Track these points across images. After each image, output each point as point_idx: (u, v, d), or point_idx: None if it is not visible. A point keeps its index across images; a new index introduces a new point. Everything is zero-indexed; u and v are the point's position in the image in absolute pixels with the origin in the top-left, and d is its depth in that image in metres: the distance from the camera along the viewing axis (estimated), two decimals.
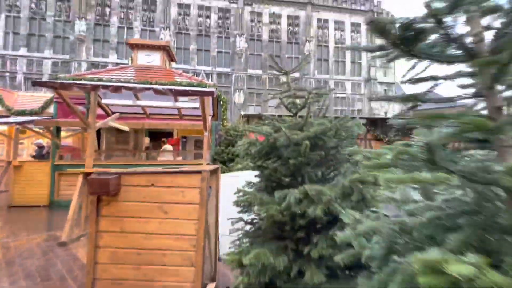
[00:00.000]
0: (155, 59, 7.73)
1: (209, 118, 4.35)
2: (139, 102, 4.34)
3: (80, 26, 27.21)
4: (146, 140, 9.09)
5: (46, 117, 7.41)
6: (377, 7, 34.66)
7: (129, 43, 7.55)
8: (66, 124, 5.98)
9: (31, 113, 10.86)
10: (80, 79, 7.11)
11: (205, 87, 3.92)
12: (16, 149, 8.71)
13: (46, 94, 12.80)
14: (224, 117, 7.22)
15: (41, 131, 7.66)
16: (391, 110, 35.74)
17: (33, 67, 26.92)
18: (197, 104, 4.37)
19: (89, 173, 2.48)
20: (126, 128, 5.95)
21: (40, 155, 8.70)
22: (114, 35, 28.44)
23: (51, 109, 11.18)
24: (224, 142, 6.74)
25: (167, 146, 8.18)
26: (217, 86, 5.51)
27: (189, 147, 8.50)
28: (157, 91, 3.31)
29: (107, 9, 28.59)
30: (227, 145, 6.61)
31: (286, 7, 32.24)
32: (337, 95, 32.62)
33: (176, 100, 4.35)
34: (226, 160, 6.38)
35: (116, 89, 3.40)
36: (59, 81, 3.11)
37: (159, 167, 6.52)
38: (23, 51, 26.88)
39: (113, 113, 5.18)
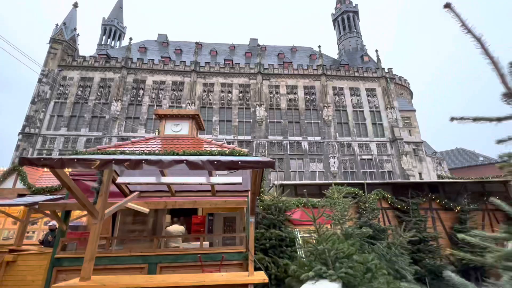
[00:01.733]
0: (183, 128, 7.16)
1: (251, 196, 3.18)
2: (165, 179, 3.31)
3: (116, 107, 30.07)
4: (167, 219, 7.82)
5: (54, 197, 6.59)
6: (389, 73, 36.27)
7: (157, 113, 7.17)
8: (75, 208, 5.00)
9: (51, 190, 10.31)
10: (101, 153, 6.53)
11: (246, 155, 2.89)
12: (23, 233, 7.68)
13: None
14: (261, 189, 5.98)
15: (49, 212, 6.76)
16: (425, 170, 33.02)
17: (69, 144, 28.88)
18: (239, 179, 3.28)
19: None
20: (146, 210, 4.84)
21: (48, 240, 7.56)
22: (145, 112, 30.90)
23: None
24: (264, 222, 5.31)
25: (175, 227, 6.61)
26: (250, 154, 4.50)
27: (217, 227, 7.04)
28: (192, 165, 2.31)
29: (141, 91, 32.00)
30: (267, 226, 5.17)
31: (301, 79, 34.55)
32: (363, 156, 31.16)
33: (210, 174, 3.31)
34: (268, 248, 4.84)
35: (136, 165, 2.44)
36: (56, 157, 2.23)
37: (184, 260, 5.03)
38: (63, 130, 29.43)
39: (131, 192, 4.19)
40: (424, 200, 8.10)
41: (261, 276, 2.80)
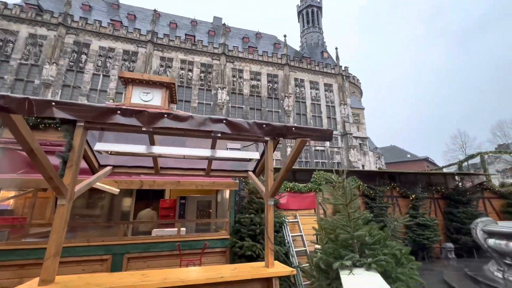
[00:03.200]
0: (154, 97, 6.14)
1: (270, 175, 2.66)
2: (157, 150, 2.56)
3: (50, 71, 25.11)
4: (127, 202, 6.73)
5: None
6: (345, 71, 38.63)
7: (123, 76, 5.97)
8: (12, 185, 3.73)
9: None
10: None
11: None
12: None
13: None
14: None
15: None
16: (368, 163, 36.83)
17: None
18: (256, 154, 2.71)
19: None
20: (116, 191, 3.87)
21: None
22: (87, 81, 26.62)
23: None
24: (251, 207, 4.84)
25: (146, 212, 5.92)
26: None
27: (190, 212, 6.33)
28: (234, 127, 1.67)
29: (84, 57, 27.35)
30: (256, 211, 4.73)
31: (265, 66, 34.23)
32: (317, 147, 32.96)
33: (214, 147, 2.66)
34: (257, 234, 4.41)
35: (155, 119, 1.67)
36: (21, 96, 1.34)
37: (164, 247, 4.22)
38: None
39: (100, 166, 3.24)
40: (388, 188, 8.79)
41: (286, 268, 2.36)
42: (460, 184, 10.33)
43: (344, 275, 2.30)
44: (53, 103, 1.52)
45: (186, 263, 4.46)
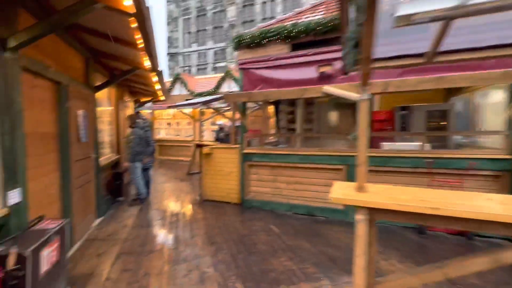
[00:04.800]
0: None
1: None
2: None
3: (231, 12, 28.97)
4: (333, 116, 6.51)
5: (217, 96, 6.30)
6: None
7: None
8: (261, 98, 4.13)
9: (208, 94, 11.02)
10: (269, 31, 5.27)
11: None
12: (200, 131, 8.55)
13: (216, 75, 13.13)
14: None
15: (220, 109, 6.87)
16: None
17: (201, 59, 31.96)
18: None
19: None
20: (354, 97, 3.35)
21: (221, 138, 8.17)
22: (258, 13, 28.47)
23: (222, 88, 11.04)
24: None
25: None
26: None
27: (415, 126, 5.06)
28: None
29: None
30: None
31: None
32: None
33: None
34: None
35: None
36: None
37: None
38: (194, 46, 32.34)
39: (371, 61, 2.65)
40: None
41: None
42: None
43: None
44: None
45: (440, 184, 3.54)
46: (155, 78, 5.14)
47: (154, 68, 4.02)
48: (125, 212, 4.61)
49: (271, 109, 7.53)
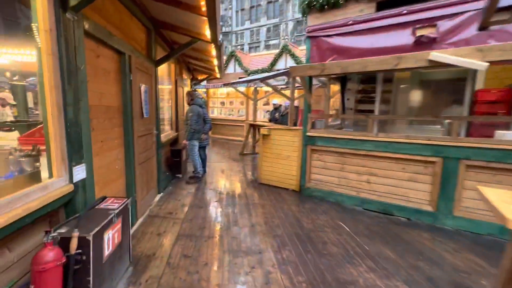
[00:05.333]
0: None
1: None
2: None
3: None
4: (415, 95, 5.34)
5: (279, 71, 5.66)
6: None
7: None
8: (356, 68, 3.38)
9: (263, 71, 10.48)
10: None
11: None
12: (255, 110, 8.17)
13: (271, 52, 12.42)
14: None
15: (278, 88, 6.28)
16: None
17: (254, 37, 31.18)
18: None
19: None
20: (483, 66, 2.42)
21: (275, 118, 7.67)
22: None
23: (278, 66, 10.36)
24: None
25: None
26: None
27: None
28: None
29: None
30: None
31: None
32: None
33: None
34: None
35: None
36: None
37: None
38: (247, 24, 31.60)
39: None
40: None
41: None
42: None
43: None
44: None
45: None
46: (214, 52, 4.81)
47: (215, 37, 3.64)
48: (183, 189, 4.60)
49: (334, 88, 6.64)
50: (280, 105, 7.67)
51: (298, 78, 5.49)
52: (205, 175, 5.57)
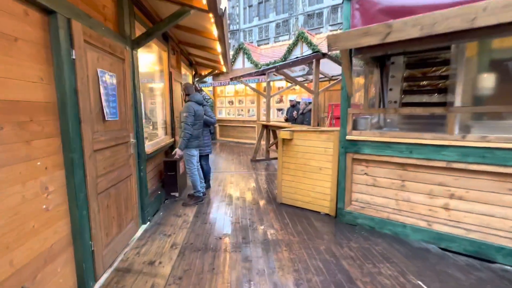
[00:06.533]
0: None
1: None
2: None
3: None
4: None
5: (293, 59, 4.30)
6: None
7: None
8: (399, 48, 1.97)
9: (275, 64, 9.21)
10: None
11: None
12: (269, 108, 6.94)
13: (284, 43, 11.15)
14: None
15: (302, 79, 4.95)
16: None
17: (262, 33, 29.90)
18: None
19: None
20: None
21: (293, 117, 6.41)
22: None
23: (292, 55, 9.08)
24: None
25: None
26: None
27: None
28: None
29: None
30: None
31: None
32: None
33: None
34: None
35: None
36: None
37: None
38: (255, 21, 30.38)
39: None
40: None
41: None
42: None
43: None
44: None
45: None
46: (215, 31, 3.60)
47: (213, 3, 2.46)
48: (178, 216, 3.42)
49: (358, 80, 5.29)
50: (298, 102, 6.40)
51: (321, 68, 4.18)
52: (209, 191, 4.39)
